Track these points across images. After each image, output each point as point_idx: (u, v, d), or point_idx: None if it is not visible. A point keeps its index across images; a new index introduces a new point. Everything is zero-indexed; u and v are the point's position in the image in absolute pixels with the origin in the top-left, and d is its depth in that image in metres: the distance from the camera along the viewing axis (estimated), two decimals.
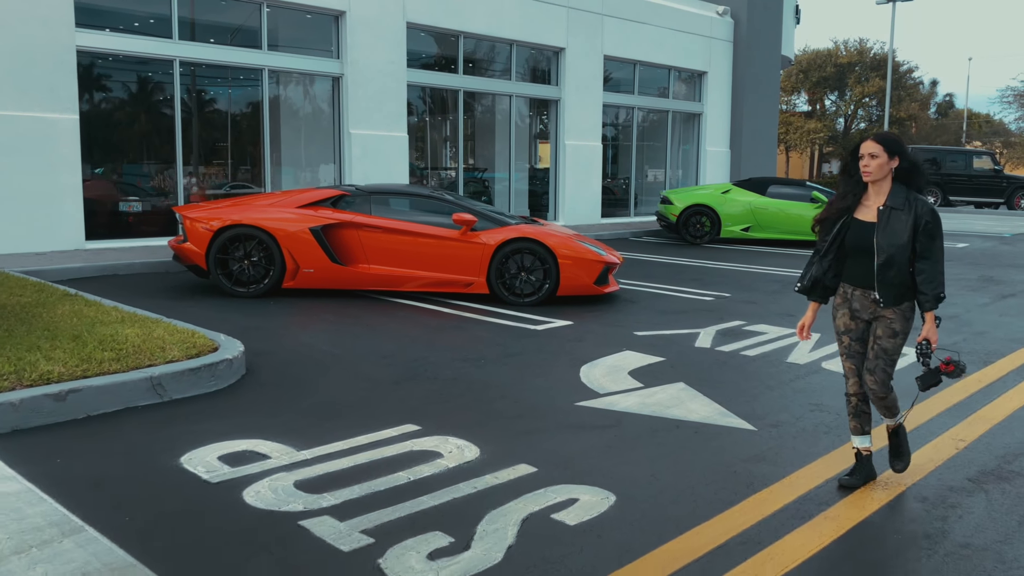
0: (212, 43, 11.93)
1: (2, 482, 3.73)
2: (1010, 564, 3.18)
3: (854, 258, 3.77)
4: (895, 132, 3.32)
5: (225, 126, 13.23)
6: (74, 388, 4.58)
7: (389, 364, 5.99)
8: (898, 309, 3.71)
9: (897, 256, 3.62)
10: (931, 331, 3.69)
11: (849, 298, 3.83)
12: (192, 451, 4.16)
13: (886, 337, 3.75)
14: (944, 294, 3.67)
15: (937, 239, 3.64)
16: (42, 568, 3.00)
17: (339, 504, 3.58)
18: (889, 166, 3.67)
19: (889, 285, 3.68)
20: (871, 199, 3.75)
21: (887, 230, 3.65)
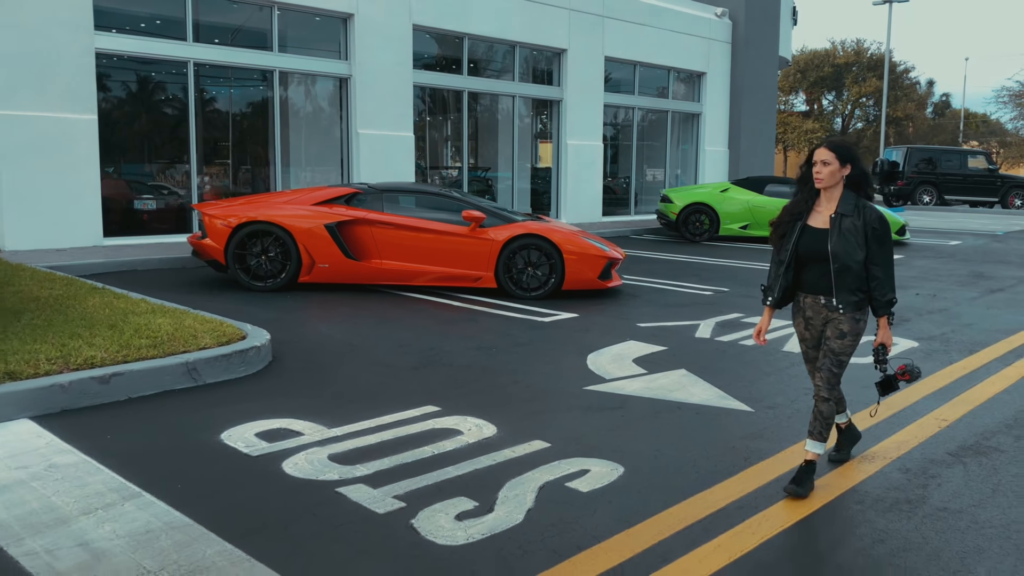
0: (225, 45, 12.24)
1: (61, 455, 4.06)
2: (983, 525, 3.51)
3: (808, 265, 3.80)
4: (847, 139, 3.50)
5: (237, 126, 13.55)
6: (117, 372, 4.91)
7: (406, 352, 6.32)
8: (850, 312, 3.77)
9: (851, 262, 3.67)
10: (886, 335, 3.77)
11: (802, 306, 3.90)
12: (230, 429, 4.49)
13: (834, 339, 3.80)
14: (895, 298, 3.74)
15: (886, 244, 3.71)
16: (110, 527, 3.33)
17: (371, 474, 3.91)
18: (841, 173, 3.73)
19: (847, 291, 3.73)
20: (823, 206, 3.79)
21: (841, 237, 3.69)
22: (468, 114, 16.16)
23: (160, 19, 11.78)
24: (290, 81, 13.46)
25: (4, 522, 3.34)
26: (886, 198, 28.44)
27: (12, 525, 3.32)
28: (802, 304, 3.89)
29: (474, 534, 3.32)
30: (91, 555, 3.10)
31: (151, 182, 12.34)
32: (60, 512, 3.45)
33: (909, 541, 3.34)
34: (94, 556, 3.09)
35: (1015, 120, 47.48)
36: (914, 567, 3.13)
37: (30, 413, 4.56)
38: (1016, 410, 5.12)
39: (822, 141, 3.83)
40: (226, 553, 3.13)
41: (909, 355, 6.49)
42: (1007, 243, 15.90)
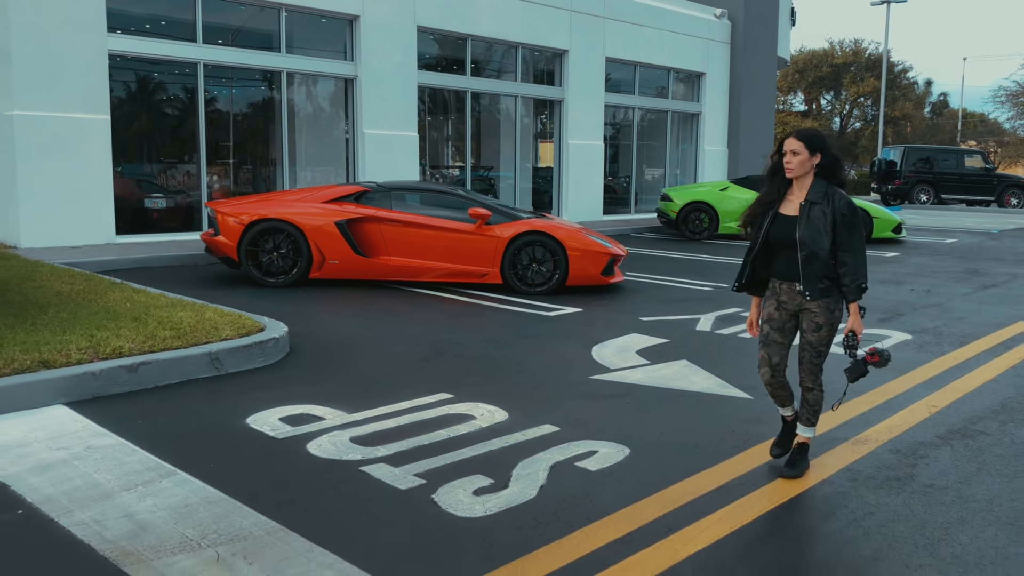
0: (234, 47, 12.47)
1: (97, 437, 4.29)
2: (967, 499, 3.75)
3: (779, 252, 3.84)
4: (817, 128, 3.50)
5: (245, 126, 13.78)
6: (144, 361, 5.14)
7: (417, 344, 6.56)
8: (822, 302, 3.78)
9: (819, 249, 3.70)
10: (856, 322, 3.76)
11: (777, 291, 3.91)
12: (255, 414, 4.72)
13: (811, 331, 3.83)
14: (866, 285, 3.74)
15: (856, 231, 3.71)
16: (151, 501, 3.57)
17: (392, 454, 4.14)
18: (811, 162, 3.76)
19: (813, 278, 3.75)
20: (794, 194, 3.83)
21: (808, 224, 3.72)
22: (471, 114, 16.38)
23: (170, 21, 12.00)
24: (297, 82, 13.69)
25: (52, 497, 3.58)
26: (884, 197, 28.72)
27: (60, 499, 3.55)
28: (777, 289, 3.91)
29: (491, 507, 3.56)
30: (136, 525, 3.33)
31: (161, 181, 12.57)
32: (103, 488, 3.68)
33: (897, 513, 3.58)
34: (139, 526, 3.32)
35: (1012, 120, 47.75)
36: (901, 535, 3.37)
37: (64, 399, 4.80)
38: (1003, 397, 5.36)
39: (791, 131, 3.85)
40: (261, 524, 3.36)
41: (903, 347, 6.73)
42: (1001, 241, 16.15)
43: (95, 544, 3.17)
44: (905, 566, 3.12)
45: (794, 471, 3.94)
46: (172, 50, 11.77)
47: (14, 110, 10.16)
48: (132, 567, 3.00)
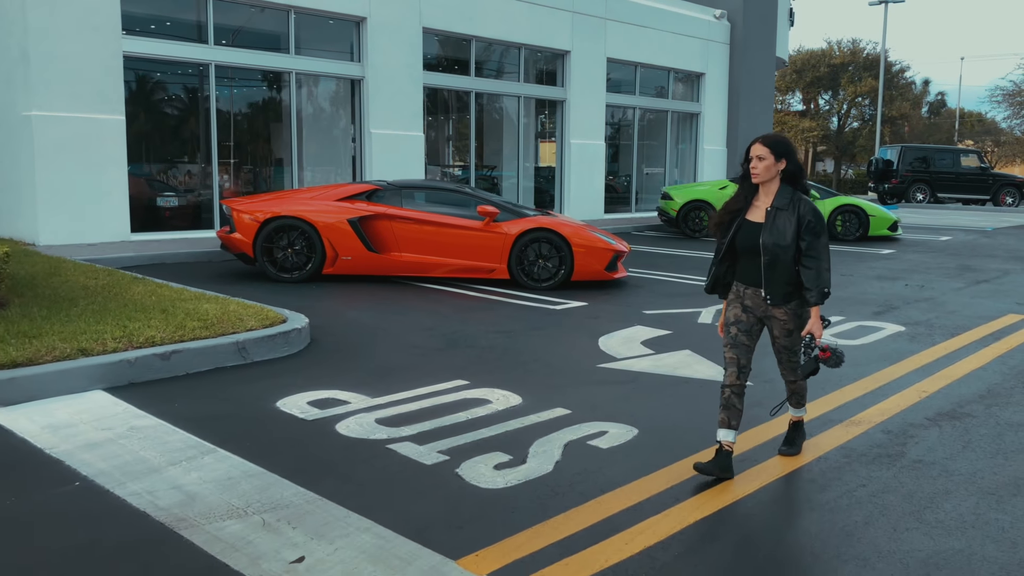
0: (244, 48, 12.74)
1: (138, 419, 4.57)
2: (952, 473, 4.04)
3: (744, 257, 3.89)
4: (782, 135, 3.55)
5: (255, 126, 14.05)
6: (176, 350, 5.42)
7: (431, 336, 6.84)
8: (788, 308, 3.85)
9: (782, 255, 3.75)
10: (816, 326, 3.79)
11: (741, 295, 3.96)
12: (284, 398, 5.00)
13: (783, 337, 3.93)
14: (829, 290, 3.78)
15: (821, 237, 3.75)
16: (196, 474, 3.85)
17: (415, 434, 4.42)
18: (776, 168, 3.79)
19: (776, 283, 3.80)
20: (761, 200, 3.87)
21: (772, 230, 3.76)
22: (475, 114, 16.66)
23: (182, 23, 12.26)
24: (305, 82, 13.96)
25: (105, 471, 3.86)
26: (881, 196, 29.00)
27: (112, 473, 3.84)
28: (741, 294, 3.96)
29: (511, 480, 3.84)
30: (185, 496, 3.61)
31: (172, 180, 12.84)
32: (150, 463, 3.96)
33: (887, 485, 3.87)
34: (188, 496, 3.61)
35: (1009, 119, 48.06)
36: (891, 504, 3.65)
37: (102, 385, 5.08)
38: (989, 384, 5.65)
39: (757, 137, 3.90)
40: (300, 494, 3.64)
41: (896, 338, 7.02)
42: (995, 239, 16.45)
43: (150, 511, 3.45)
44: (893, 529, 3.41)
45: (792, 448, 4.21)
46: (184, 51, 12.04)
47: (32, 110, 10.44)
48: (187, 531, 3.28)
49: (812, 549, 3.24)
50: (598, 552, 3.17)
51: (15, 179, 10.96)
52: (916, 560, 3.15)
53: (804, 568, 3.09)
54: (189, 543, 3.19)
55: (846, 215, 15.51)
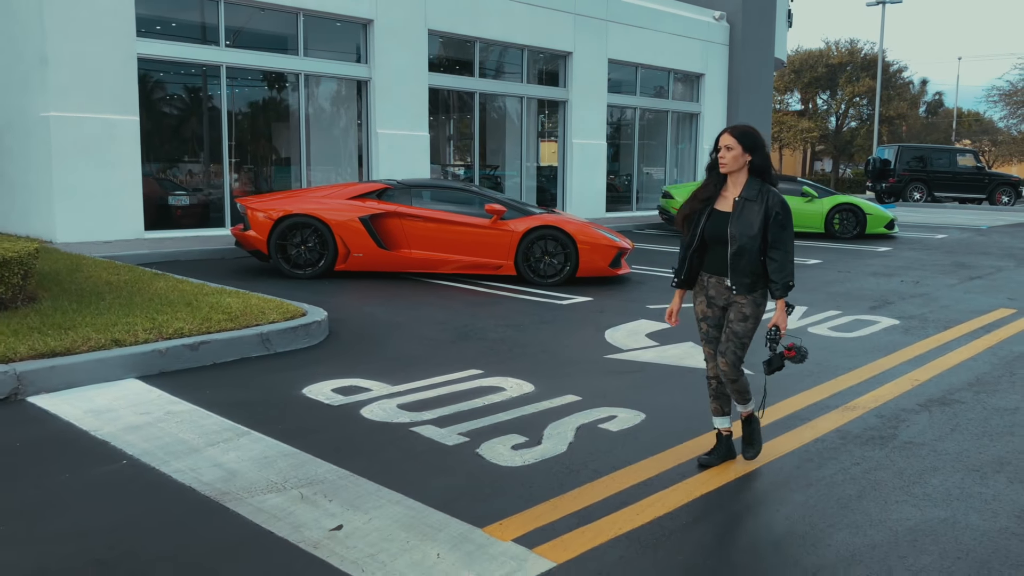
0: (255, 50, 13.00)
1: (173, 404, 4.84)
2: (940, 453, 4.31)
3: (711, 247, 3.91)
4: (751, 127, 3.60)
5: (265, 126, 14.31)
6: (204, 340, 5.69)
7: (443, 329, 7.11)
8: (750, 296, 3.86)
9: (748, 245, 3.77)
10: (781, 318, 3.82)
11: (705, 285, 3.97)
12: (309, 386, 5.27)
13: (737, 321, 3.89)
14: (793, 283, 3.81)
15: (787, 229, 3.78)
16: (234, 454, 4.12)
17: (436, 418, 4.69)
18: (744, 159, 3.81)
19: (742, 273, 3.82)
20: (729, 190, 3.89)
21: (740, 220, 3.79)
22: (479, 115, 16.92)
23: (195, 26, 12.52)
24: (314, 83, 14.22)
25: (149, 451, 4.13)
26: (878, 195, 29.29)
27: (156, 452, 4.10)
28: (705, 283, 3.97)
29: (528, 459, 4.11)
30: (226, 472, 3.88)
31: (184, 179, 13.10)
32: (190, 444, 4.23)
33: (880, 463, 4.14)
34: (229, 473, 3.87)
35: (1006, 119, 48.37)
36: (883, 479, 3.93)
37: (135, 374, 5.34)
38: (978, 373, 5.92)
39: (726, 128, 3.92)
40: (333, 471, 3.91)
41: (891, 331, 7.30)
42: (990, 237, 16.74)
43: (195, 486, 3.72)
44: (884, 501, 3.68)
45: (753, 449, 4.11)
46: (197, 53, 12.30)
47: (50, 111, 10.70)
48: (231, 504, 3.55)
49: (809, 518, 3.51)
50: (612, 521, 3.45)
51: (32, 178, 11.22)
52: (905, 528, 3.42)
53: (801, 534, 3.36)
54: (235, 513, 3.46)
55: (844, 214, 15.79)
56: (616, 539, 3.30)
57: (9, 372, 4.85)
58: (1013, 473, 4.05)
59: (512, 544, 3.23)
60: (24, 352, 5.08)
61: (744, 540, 3.33)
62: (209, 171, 13.10)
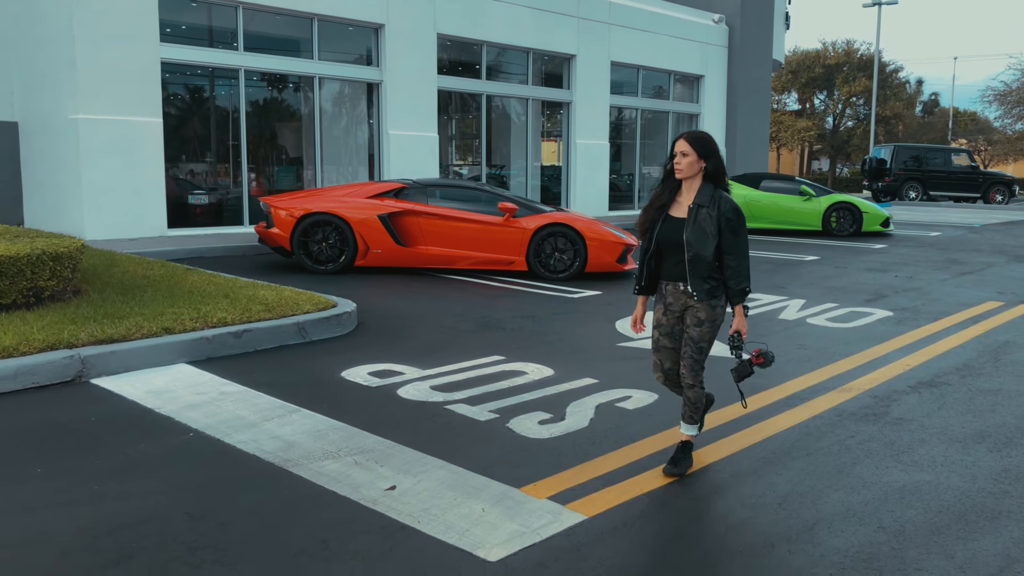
0: (271, 54, 13.44)
1: (226, 386, 5.28)
2: (927, 428, 4.75)
3: (667, 253, 3.92)
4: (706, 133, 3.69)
5: (281, 127, 14.74)
6: (247, 329, 6.12)
7: (463, 319, 7.55)
8: (707, 301, 3.89)
9: (703, 251, 3.79)
10: (740, 323, 3.87)
11: (664, 293, 3.99)
12: (347, 370, 5.71)
13: (693, 326, 3.92)
14: (749, 288, 3.85)
15: (740, 235, 3.81)
16: (289, 428, 4.55)
17: (467, 397, 5.13)
18: (699, 165, 3.83)
19: (699, 278, 3.84)
20: (684, 196, 3.91)
21: (695, 226, 3.80)
22: (485, 116, 17.35)
23: (215, 31, 12.95)
24: (328, 86, 14.65)
25: (211, 425, 4.56)
26: (874, 194, 29.77)
27: (218, 426, 4.54)
28: (664, 291, 4.00)
29: (555, 432, 4.55)
30: (285, 443, 4.31)
31: (204, 179, 13.52)
32: (247, 419, 4.67)
33: (872, 436, 4.59)
34: (287, 444, 4.31)
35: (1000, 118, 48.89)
36: (876, 450, 4.37)
37: (185, 359, 5.78)
38: (965, 359, 6.37)
39: (681, 134, 3.93)
40: (380, 442, 4.35)
41: (885, 322, 7.74)
42: (982, 234, 17.21)
43: (259, 454, 4.15)
44: (876, 467, 4.12)
45: (677, 468, 3.96)
46: (217, 57, 12.73)
47: (79, 114, 11.12)
48: (294, 468, 3.99)
49: (809, 481, 3.95)
50: (633, 483, 3.89)
51: (61, 178, 11.64)
52: (894, 488, 3.87)
53: (801, 493, 3.80)
54: (299, 476, 3.89)
55: (841, 212, 16.24)
56: (638, 498, 3.74)
57: (75, 356, 5.28)
58: (992, 444, 4.49)
59: (547, 501, 3.67)
60: (85, 338, 5.51)
61: (750, 497, 3.77)
62: (227, 171, 13.52)
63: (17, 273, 6.24)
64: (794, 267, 11.70)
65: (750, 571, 3.08)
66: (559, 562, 3.14)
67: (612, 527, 3.44)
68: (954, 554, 3.23)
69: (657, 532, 3.43)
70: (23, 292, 6.34)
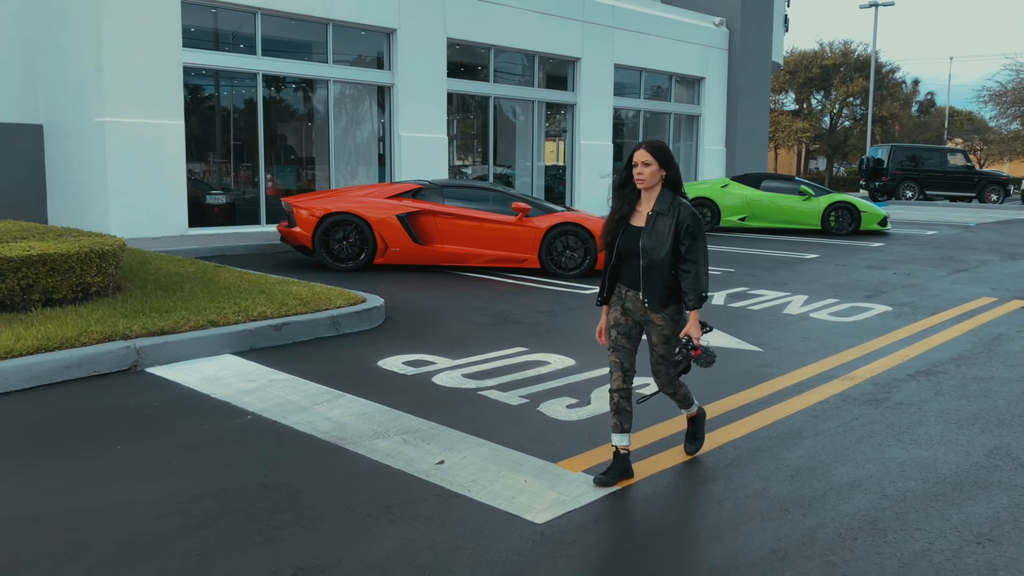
0: (288, 58, 13.82)
1: (272, 374, 5.66)
2: (925, 411, 5.15)
3: (626, 261, 3.91)
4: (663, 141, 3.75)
5: (296, 129, 15.13)
6: (285, 322, 6.51)
7: (483, 314, 7.94)
8: (665, 314, 3.88)
9: (659, 258, 3.78)
10: (694, 328, 3.84)
11: (623, 298, 3.98)
12: (382, 360, 6.09)
13: (660, 344, 3.95)
14: (707, 294, 3.84)
15: (699, 240, 3.80)
16: (338, 411, 4.94)
17: (497, 384, 5.52)
18: (660, 174, 3.83)
19: (653, 287, 3.83)
20: (643, 205, 3.91)
21: (652, 234, 3.80)
22: (493, 117, 17.75)
23: (234, 35, 13.32)
24: (341, 89, 15.03)
25: (266, 408, 4.95)
26: (872, 193, 30.21)
27: (272, 410, 4.92)
28: (623, 296, 3.98)
29: (582, 415, 4.94)
30: (336, 424, 4.70)
31: (222, 180, 13.90)
32: (298, 404, 5.05)
33: (875, 419, 4.98)
34: (339, 425, 4.70)
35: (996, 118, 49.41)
36: (878, 431, 4.77)
37: (230, 350, 6.16)
38: (960, 350, 6.78)
39: (640, 144, 3.92)
40: (424, 423, 4.74)
41: (884, 316, 8.14)
42: (977, 233, 17.64)
43: (314, 434, 4.54)
44: (879, 445, 4.52)
45: (695, 444, 4.32)
46: (235, 62, 13.11)
47: (105, 117, 11.49)
48: (349, 446, 4.37)
49: (818, 457, 4.35)
50: (659, 459, 4.28)
51: (87, 179, 12.01)
52: (895, 463, 4.26)
53: (811, 467, 4.20)
54: (355, 453, 4.28)
55: (839, 211, 16.65)
56: (664, 471, 4.13)
57: (131, 347, 5.67)
58: (985, 425, 4.89)
59: (582, 474, 4.06)
60: (138, 330, 5.89)
61: (765, 471, 4.16)
62: (244, 171, 13.90)
63: (68, 270, 6.62)
64: (795, 265, 12.11)
65: (769, 530, 3.48)
66: (599, 524, 3.54)
67: (643, 496, 3.84)
68: (950, 517, 3.62)
69: (683, 499, 3.82)
70: (72, 288, 6.72)
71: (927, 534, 3.45)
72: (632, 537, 3.45)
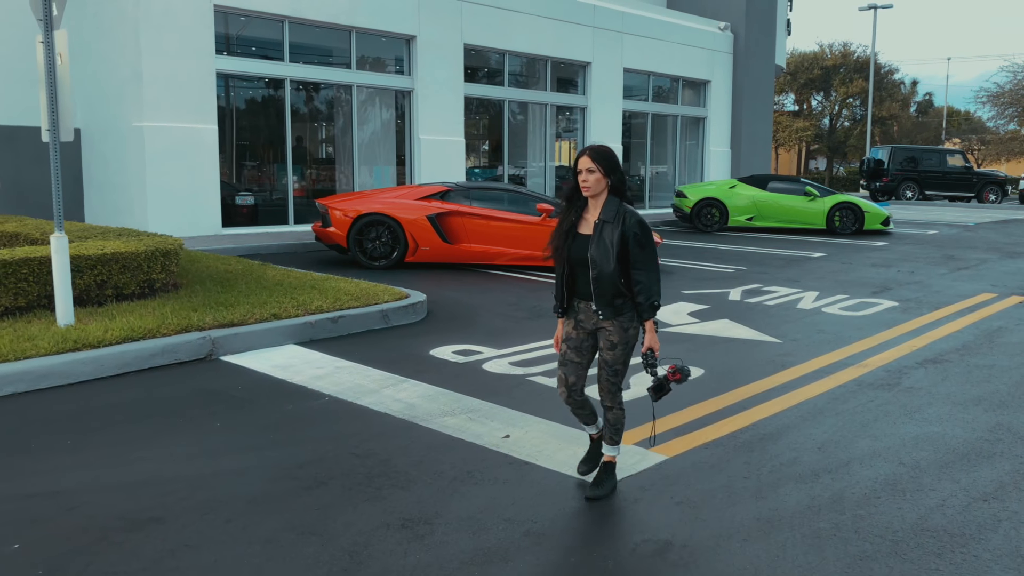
0: (314, 64, 14.34)
1: (336, 361, 6.19)
2: (933, 394, 5.69)
3: (577, 270, 3.82)
4: (607, 146, 3.92)
5: (322, 133, 15.67)
6: (341, 315, 7.03)
7: (517, 308, 8.47)
8: (616, 321, 3.78)
9: (606, 268, 3.68)
10: (652, 340, 3.76)
11: (576, 310, 3.90)
12: (433, 349, 6.62)
13: (606, 350, 3.84)
14: (659, 302, 3.75)
15: (647, 248, 3.71)
16: (404, 394, 5.47)
17: (543, 371, 6.05)
18: (605, 181, 3.74)
19: (603, 296, 3.74)
20: (590, 213, 3.81)
21: (599, 242, 3.70)
22: (507, 119, 18.28)
23: (263, 43, 13.85)
24: (364, 94, 15.55)
25: (339, 392, 5.47)
26: (872, 193, 30.77)
27: (346, 393, 5.45)
28: (577, 307, 3.91)
29: (625, 397, 5.39)
30: (406, 405, 5.23)
31: (252, 181, 14.42)
32: (367, 387, 5.58)
33: (888, 401, 5.52)
34: (407, 405, 5.23)
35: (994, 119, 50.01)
36: (892, 410, 5.31)
37: (293, 340, 6.68)
38: (964, 341, 7.32)
39: (583, 150, 3.84)
40: (483, 404, 5.27)
41: (891, 311, 8.69)
42: (977, 232, 18.20)
43: (389, 412, 5.07)
44: (893, 423, 5.06)
45: (599, 490, 3.93)
46: (265, 68, 13.63)
47: (144, 121, 12.01)
48: (422, 423, 4.90)
49: (840, 432, 4.88)
50: (699, 434, 4.82)
51: (125, 181, 12.53)
52: (909, 437, 4.80)
53: (835, 441, 4.73)
54: (427, 428, 4.81)
55: (844, 211, 17.20)
56: (704, 444, 4.66)
57: (206, 337, 6.19)
58: (988, 406, 5.43)
59: (633, 446, 4.59)
60: (211, 322, 6.42)
61: (795, 443, 4.69)
62: (273, 174, 14.42)
63: (136, 267, 7.15)
64: (804, 263, 12.65)
65: (803, 491, 4.01)
66: (655, 486, 4.07)
67: (690, 464, 4.37)
68: (959, 479, 4.16)
69: (724, 468, 4.36)
70: (140, 284, 7.25)
71: (940, 493, 3.99)
72: (685, 493, 3.98)
